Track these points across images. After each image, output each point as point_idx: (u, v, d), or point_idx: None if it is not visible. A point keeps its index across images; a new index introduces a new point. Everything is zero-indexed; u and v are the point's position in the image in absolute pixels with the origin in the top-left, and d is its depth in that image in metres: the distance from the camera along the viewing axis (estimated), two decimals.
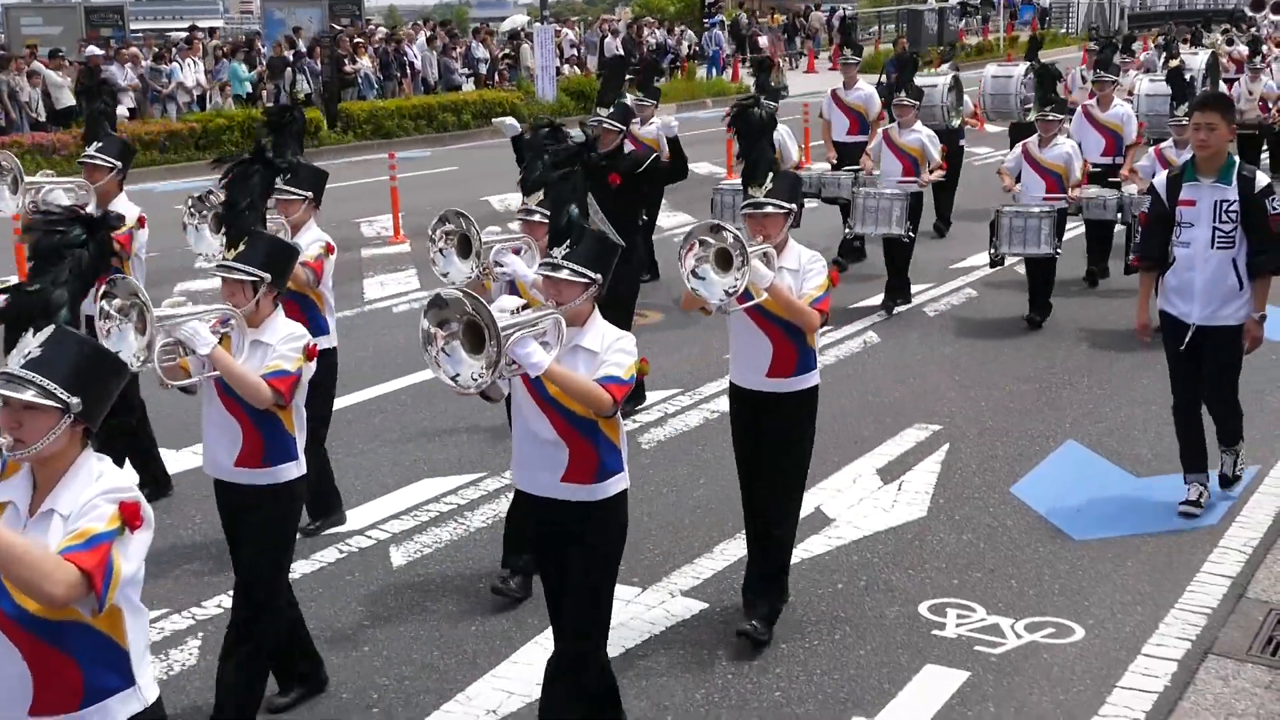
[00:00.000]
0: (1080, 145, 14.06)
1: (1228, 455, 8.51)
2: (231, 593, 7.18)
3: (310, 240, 7.65)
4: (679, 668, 6.39)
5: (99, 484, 3.69)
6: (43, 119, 25.19)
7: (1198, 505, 8.11)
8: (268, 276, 5.58)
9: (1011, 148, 15.12)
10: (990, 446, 9.45)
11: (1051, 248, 12.54)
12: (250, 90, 29.49)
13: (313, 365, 5.67)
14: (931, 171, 13.41)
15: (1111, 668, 6.33)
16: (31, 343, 3.73)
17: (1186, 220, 7.87)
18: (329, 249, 7.71)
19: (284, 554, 5.85)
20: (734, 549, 7.73)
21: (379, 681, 6.29)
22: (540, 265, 5.37)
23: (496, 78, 34.34)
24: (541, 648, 6.57)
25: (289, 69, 28.93)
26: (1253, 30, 35.44)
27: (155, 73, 28.04)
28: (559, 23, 39.52)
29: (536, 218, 6.95)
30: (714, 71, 41.06)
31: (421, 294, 14.17)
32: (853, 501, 8.45)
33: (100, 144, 8.57)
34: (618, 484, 5.34)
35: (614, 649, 6.52)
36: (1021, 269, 13.67)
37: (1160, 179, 8.18)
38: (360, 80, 30.14)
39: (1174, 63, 18.93)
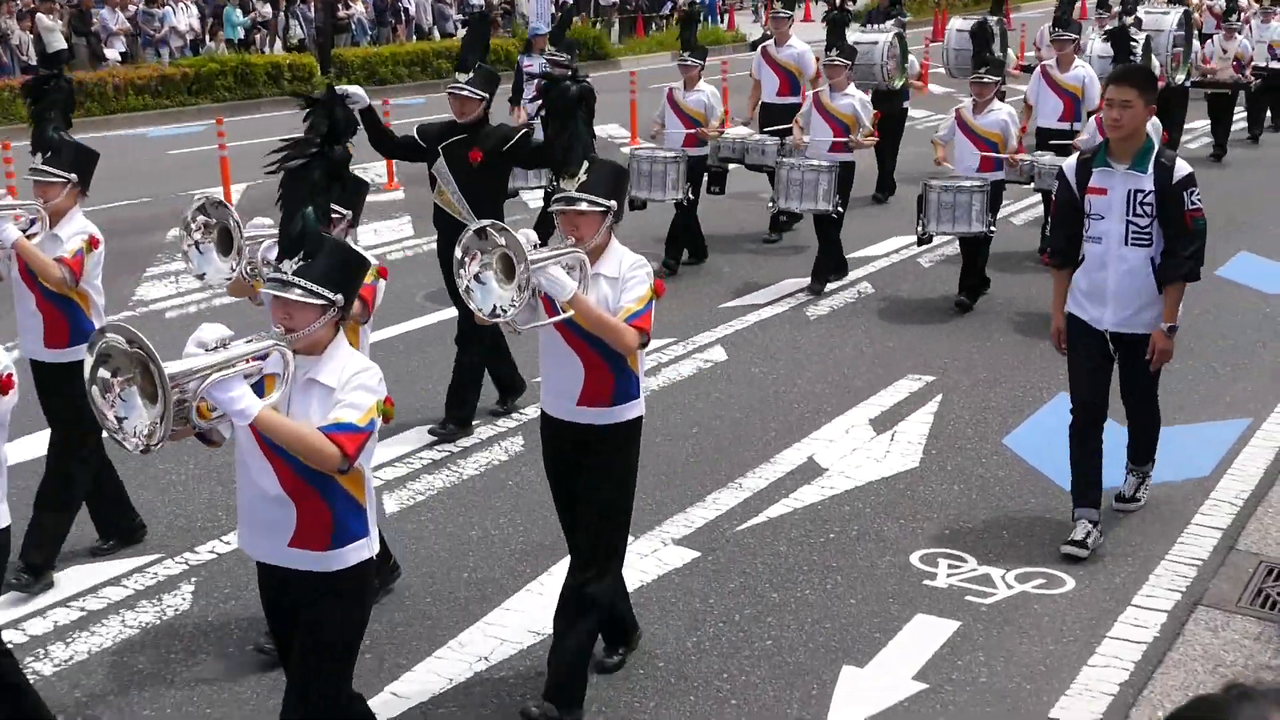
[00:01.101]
0: (1037, 109, 13.72)
1: (1134, 475, 7.55)
2: (228, 538, 7.23)
3: (72, 232, 6.80)
4: (671, 616, 6.42)
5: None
6: (34, 62, 25.01)
7: (1083, 546, 6.91)
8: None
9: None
10: (983, 398, 9.46)
11: (984, 225, 11.41)
12: (244, 35, 29.30)
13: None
14: (864, 138, 12.24)
15: (1101, 618, 6.36)
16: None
17: (1096, 211, 6.84)
18: (92, 243, 6.84)
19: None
20: (726, 498, 7.75)
21: (372, 628, 6.28)
22: (267, 282, 4.41)
23: (492, 26, 34.12)
24: (534, 595, 6.60)
25: (283, 14, 28.74)
26: None
27: (147, 16, 27.82)
28: None
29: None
30: (710, 20, 40.82)
31: (415, 241, 14.14)
32: (845, 452, 8.46)
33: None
34: (357, 552, 4.49)
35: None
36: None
37: (1069, 163, 7.11)
38: (354, 26, 29.95)
39: (1129, 20, 17.95)
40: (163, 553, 7.11)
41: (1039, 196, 14.40)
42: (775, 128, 13.86)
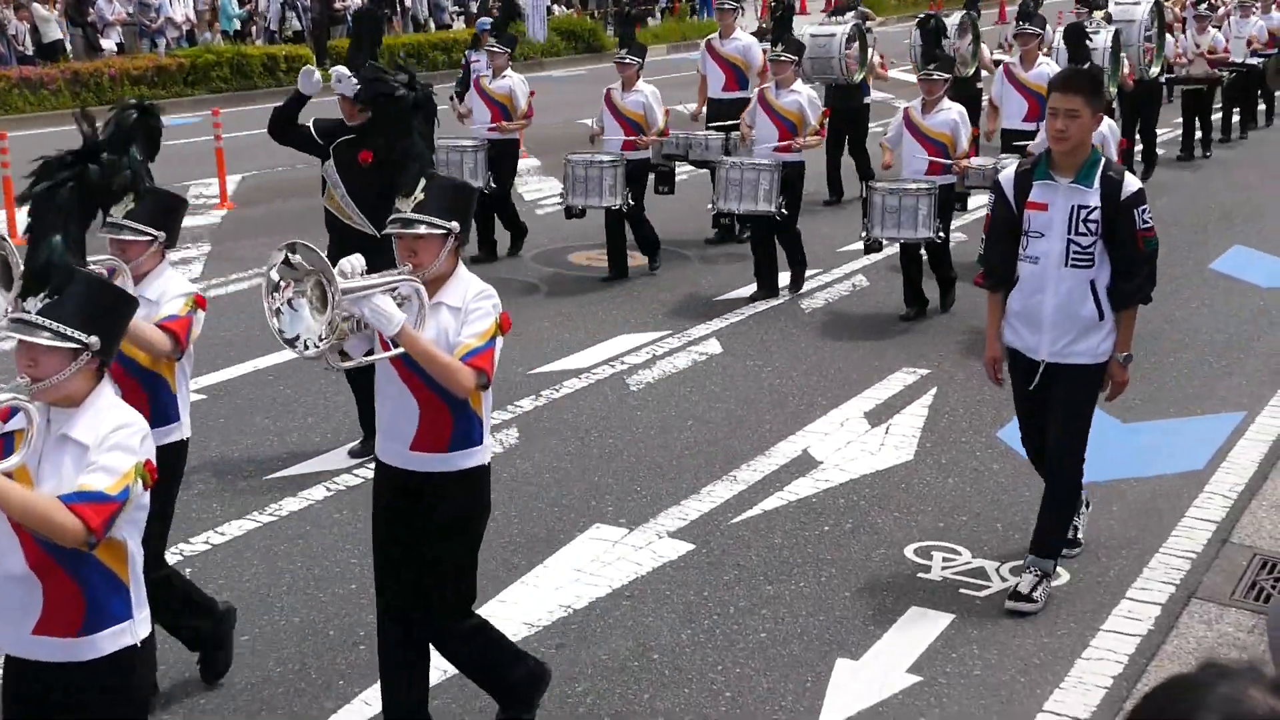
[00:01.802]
0: (1002, 109, 13.18)
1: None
2: (222, 529, 7.23)
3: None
4: (665, 608, 6.42)
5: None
6: (30, 52, 24.97)
7: (1029, 600, 6.30)
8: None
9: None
10: (977, 391, 9.45)
11: (931, 231, 10.74)
12: (239, 26, 29.26)
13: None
14: (809, 138, 11.57)
15: (1095, 611, 6.37)
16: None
17: (1035, 229, 6.17)
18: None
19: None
20: (721, 491, 7.75)
21: (366, 619, 6.30)
22: (9, 323, 3.90)
23: (487, 15, 34.08)
24: (529, 587, 6.60)
25: (280, 6, 28.71)
26: None
27: (144, 7, 27.77)
28: None
29: (127, 235, 5.56)
30: (706, 12, 40.78)
31: None
32: (840, 445, 8.46)
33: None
34: (116, 638, 3.86)
35: (601, 589, 6.56)
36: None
37: (1007, 174, 6.38)
38: (350, 18, 29.88)
39: (1098, 14, 17.29)
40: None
41: None
42: (721, 123, 13.44)
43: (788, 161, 11.51)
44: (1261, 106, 21.89)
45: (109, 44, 26.62)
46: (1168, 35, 17.42)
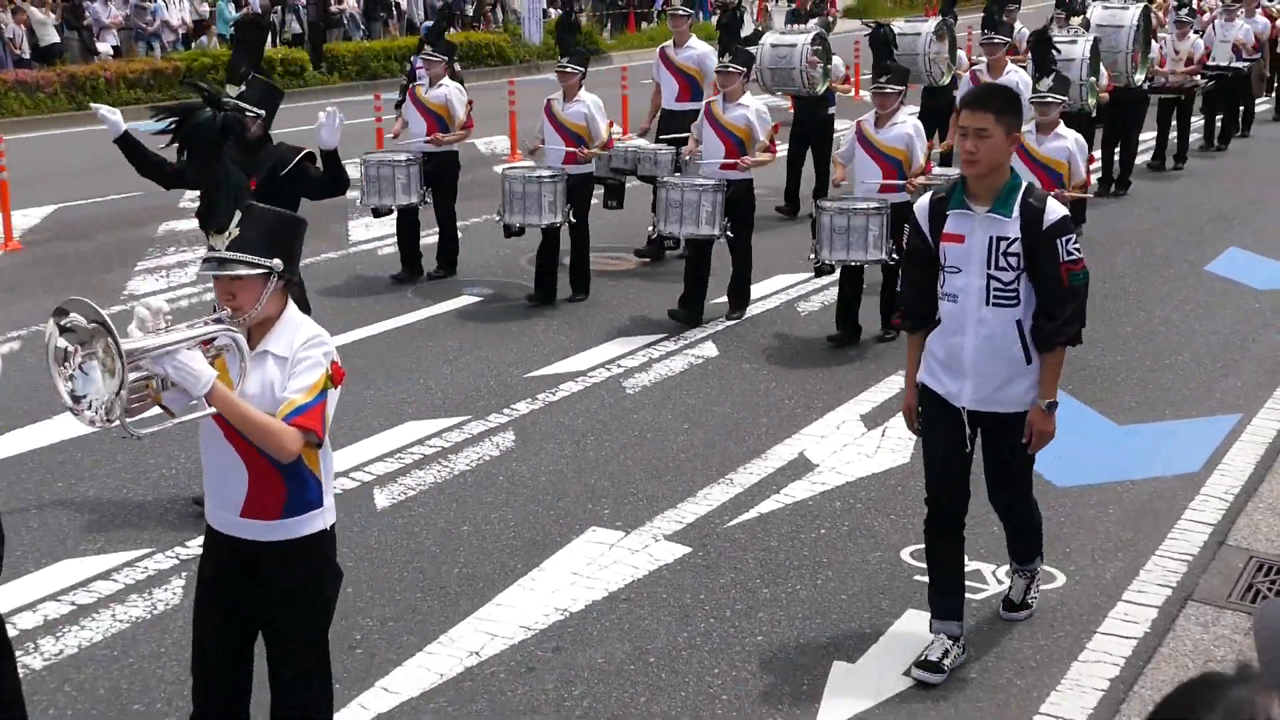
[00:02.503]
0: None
1: (1020, 577, 6.30)
2: None
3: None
4: (662, 611, 6.42)
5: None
6: (27, 56, 24.97)
7: (938, 670, 5.77)
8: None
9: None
10: None
11: (883, 252, 10.15)
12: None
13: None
14: (759, 155, 10.90)
15: (1092, 614, 6.37)
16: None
17: (952, 263, 5.58)
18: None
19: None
20: (717, 493, 7.75)
21: (362, 623, 6.31)
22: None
23: (482, 20, 34.09)
24: (525, 590, 6.60)
25: (280, 9, 28.73)
26: None
27: (140, 10, 27.77)
28: None
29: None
30: (702, 14, 40.80)
31: None
32: (836, 447, 8.46)
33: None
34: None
35: (597, 592, 6.56)
36: None
37: (922, 202, 5.80)
38: (346, 21, 29.90)
39: (1076, 20, 16.76)
40: (153, 547, 7.10)
41: None
42: (672, 136, 12.83)
43: (734, 180, 10.85)
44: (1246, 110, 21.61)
45: (105, 47, 26.61)
46: (1153, 42, 17.18)
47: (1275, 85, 23.29)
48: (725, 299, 11.33)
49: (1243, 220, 15.27)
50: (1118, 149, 16.60)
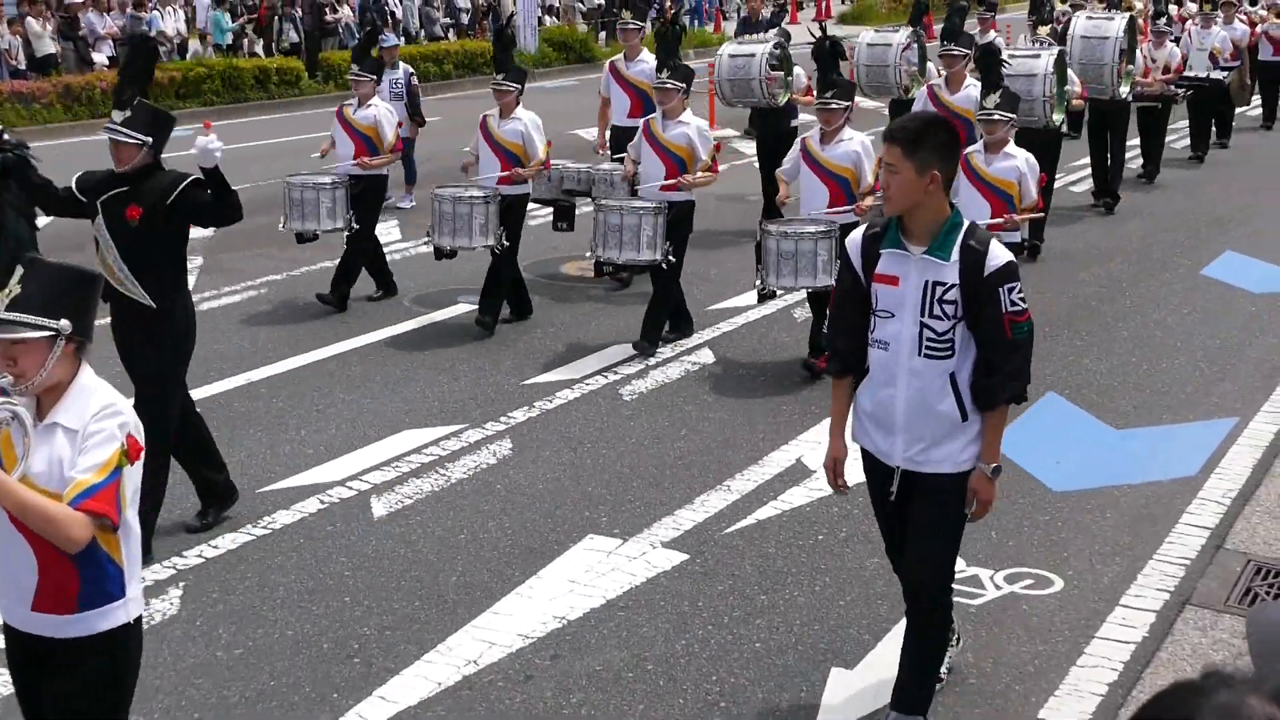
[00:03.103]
0: None
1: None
2: (215, 542, 7.21)
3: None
4: (659, 618, 6.41)
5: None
6: (23, 67, 24.98)
7: None
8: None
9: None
10: None
11: (833, 277, 8.85)
12: (231, 40, 29.28)
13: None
14: (699, 176, 10.35)
15: (1090, 619, 6.37)
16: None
17: (884, 307, 5.05)
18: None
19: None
20: (715, 501, 7.75)
21: (360, 631, 6.31)
22: None
23: (478, 28, 34.13)
24: (523, 598, 6.59)
25: (277, 18, 28.78)
26: None
27: (135, 20, 27.79)
28: None
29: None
30: (697, 23, 40.85)
31: (402, 245, 14.12)
32: None
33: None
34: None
35: (595, 600, 6.55)
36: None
37: (855, 237, 5.22)
38: (341, 30, 29.92)
39: (1043, 30, 16.26)
40: (150, 557, 7.08)
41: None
42: (624, 155, 11.88)
43: (674, 202, 10.32)
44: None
45: (100, 57, 26.62)
46: (1138, 52, 16.51)
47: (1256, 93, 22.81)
48: (714, 307, 11.32)
49: (1238, 224, 15.28)
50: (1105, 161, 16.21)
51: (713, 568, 6.93)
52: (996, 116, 10.18)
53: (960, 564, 6.88)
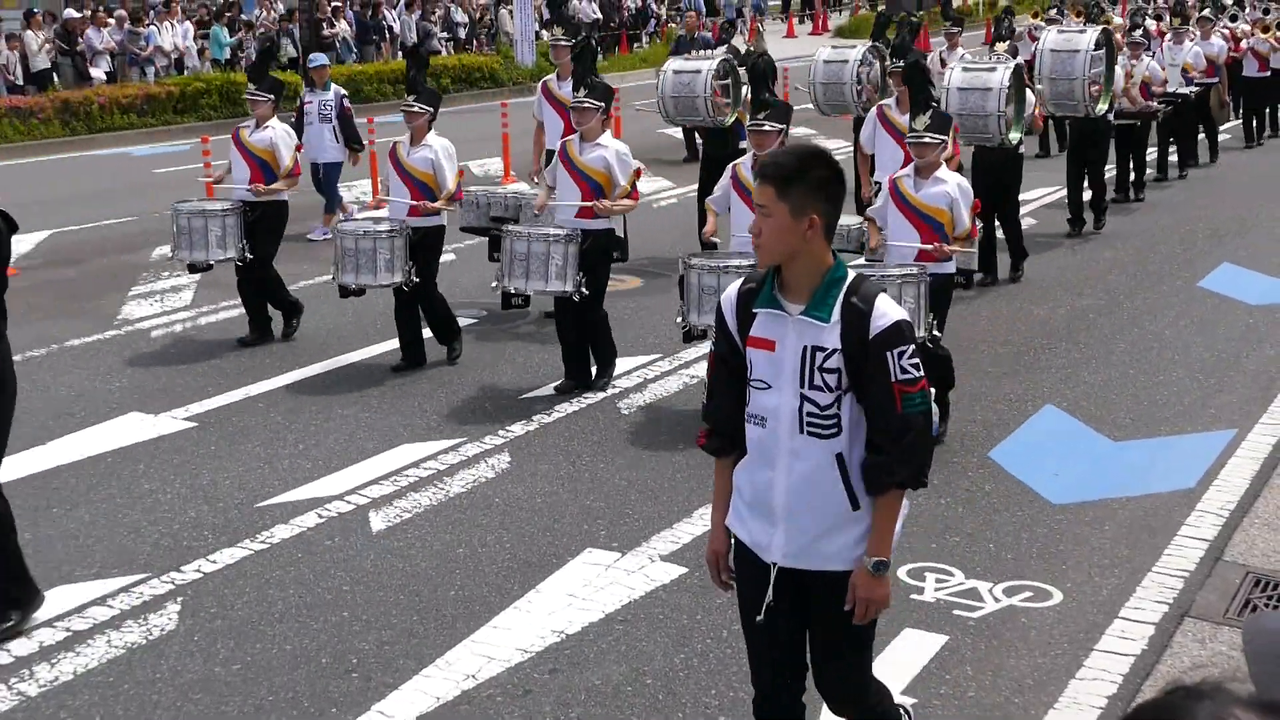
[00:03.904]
0: (876, 158, 11.53)
1: None
2: (213, 557, 7.21)
3: None
4: (658, 632, 6.41)
5: None
6: (20, 82, 25.03)
7: None
8: None
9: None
10: (968, 411, 9.46)
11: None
12: (230, 55, 29.34)
13: None
14: (616, 200, 9.64)
15: (1089, 631, 6.37)
16: None
17: (759, 376, 4.26)
18: None
19: None
20: None
21: (358, 646, 6.30)
22: None
23: (475, 43, 34.19)
24: (521, 613, 6.59)
25: (276, 33, 28.85)
26: (1160, 2, 25.76)
27: (133, 35, 27.84)
28: None
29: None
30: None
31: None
32: None
33: None
34: None
35: (594, 614, 6.55)
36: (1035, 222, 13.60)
37: (730, 293, 4.41)
38: (338, 44, 29.98)
39: (1001, 46, 15.06)
40: (149, 572, 7.08)
41: (1024, 205, 14.31)
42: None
43: (589, 229, 9.62)
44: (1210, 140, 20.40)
45: (98, 73, 26.68)
46: (1118, 67, 15.44)
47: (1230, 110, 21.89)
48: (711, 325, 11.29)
49: (1235, 235, 15.30)
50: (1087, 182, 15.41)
51: (711, 581, 6.91)
52: (927, 139, 8.99)
53: (959, 576, 6.91)
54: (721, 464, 4.56)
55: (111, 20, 28.24)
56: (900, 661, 6.11)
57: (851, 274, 4.22)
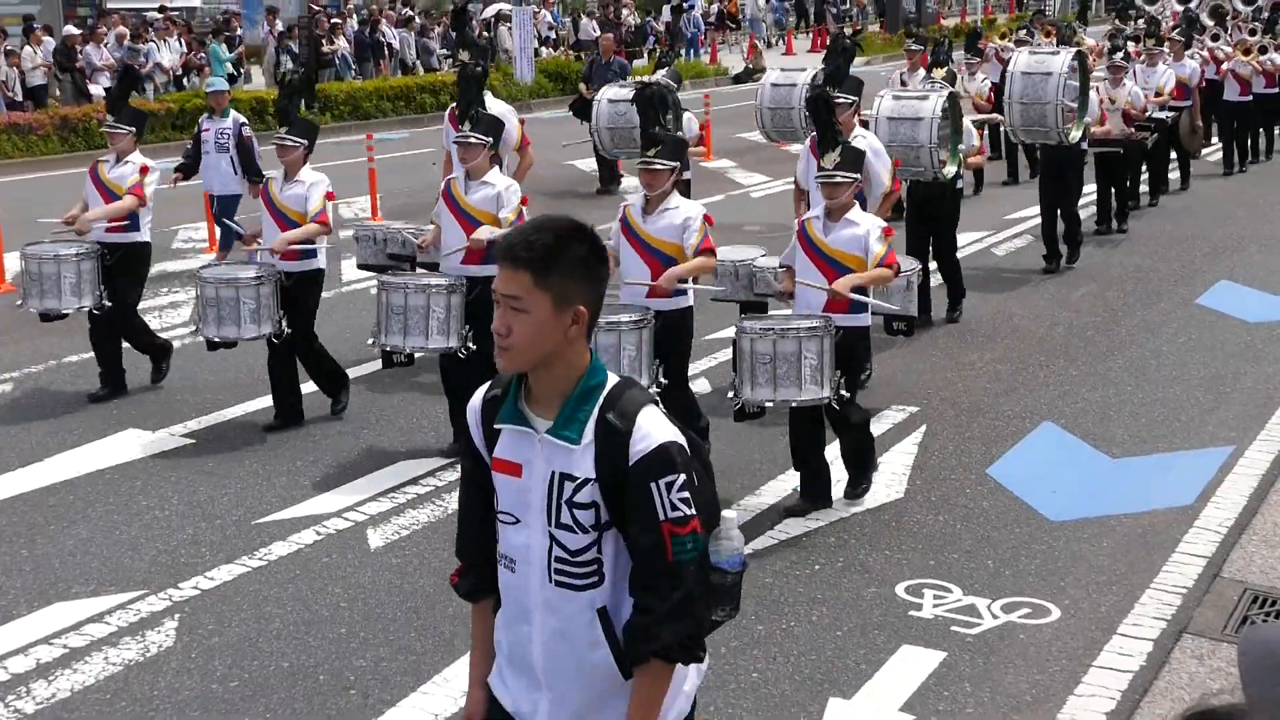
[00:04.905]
0: (810, 194, 9.89)
1: None
2: (211, 574, 7.20)
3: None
4: None
5: None
6: (19, 98, 25.08)
7: None
8: None
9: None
10: (967, 428, 9.47)
11: (649, 376, 7.94)
12: (230, 72, 29.42)
13: None
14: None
15: (1087, 648, 6.36)
16: None
17: (506, 508, 3.40)
18: None
19: None
20: None
21: (356, 663, 6.29)
22: None
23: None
24: None
25: (273, 50, 28.95)
26: (1139, 23, 24.43)
27: (132, 52, 27.90)
28: (539, 5, 39.47)
29: None
30: (691, 54, 41.01)
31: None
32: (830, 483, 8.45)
33: None
34: None
35: None
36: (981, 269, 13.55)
37: (475, 402, 3.49)
38: (338, 61, 30.06)
39: (939, 73, 13.63)
40: (146, 589, 7.07)
41: (1021, 224, 14.22)
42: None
43: (477, 277, 8.59)
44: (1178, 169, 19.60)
45: (97, 89, 26.74)
46: (1090, 93, 14.58)
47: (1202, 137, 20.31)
48: (709, 337, 11.30)
49: (1233, 252, 15.32)
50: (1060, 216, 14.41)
51: None
52: (838, 178, 7.93)
53: (957, 592, 6.91)
54: (479, 609, 3.66)
55: (111, 37, 28.33)
56: (898, 678, 6.11)
57: (611, 380, 3.30)
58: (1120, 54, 16.99)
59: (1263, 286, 13.53)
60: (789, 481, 8.45)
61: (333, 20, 31.67)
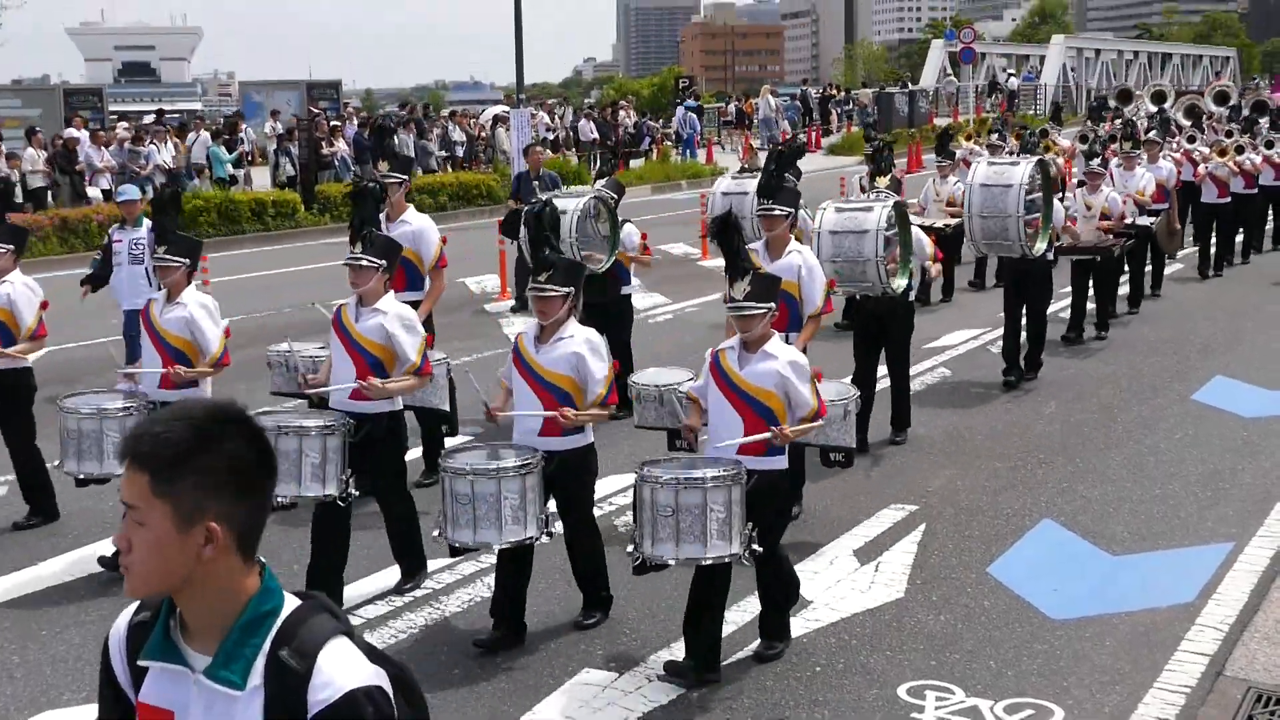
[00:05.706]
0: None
1: None
2: None
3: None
4: None
5: None
6: (19, 200, 25.27)
7: None
8: None
9: None
10: (966, 526, 9.44)
11: (537, 530, 7.38)
12: (231, 173, 29.70)
13: None
14: (403, 378, 8.00)
15: None
16: None
17: None
18: None
19: None
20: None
21: None
22: None
23: (473, 161, 34.62)
24: None
25: (273, 151, 29.25)
26: (1116, 124, 24.08)
27: (133, 154, 28.18)
28: (537, 106, 39.97)
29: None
30: (688, 153, 41.39)
31: None
32: (830, 583, 8.41)
33: None
34: None
35: None
36: (995, 346, 13.60)
37: (118, 627, 2.84)
38: (336, 162, 30.32)
39: (882, 180, 12.40)
40: None
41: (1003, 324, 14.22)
42: None
43: (364, 413, 7.97)
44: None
45: (95, 191, 27.00)
46: (1056, 202, 14.08)
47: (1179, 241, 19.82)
48: None
49: (1226, 348, 15.37)
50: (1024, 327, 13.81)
51: (709, 700, 6.86)
52: (748, 310, 7.18)
53: (959, 694, 6.86)
54: None
55: (114, 141, 28.63)
56: None
57: (289, 606, 2.70)
58: (1097, 160, 16.48)
59: (1258, 382, 13.57)
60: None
61: (332, 123, 32.00)
